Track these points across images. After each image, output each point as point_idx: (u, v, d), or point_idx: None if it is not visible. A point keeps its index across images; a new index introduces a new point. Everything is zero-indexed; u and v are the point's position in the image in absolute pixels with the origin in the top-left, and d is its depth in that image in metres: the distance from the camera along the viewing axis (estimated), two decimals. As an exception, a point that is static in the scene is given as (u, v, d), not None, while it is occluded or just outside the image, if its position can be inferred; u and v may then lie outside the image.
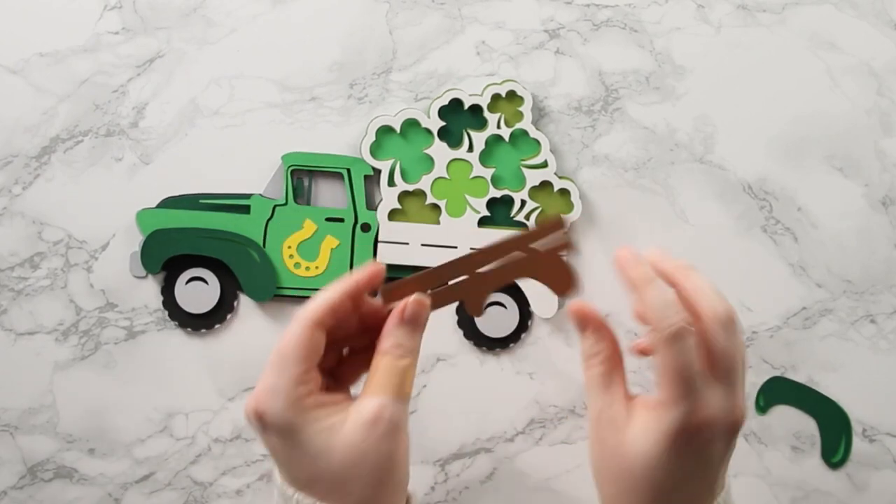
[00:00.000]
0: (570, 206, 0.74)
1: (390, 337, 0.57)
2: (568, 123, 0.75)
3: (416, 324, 0.58)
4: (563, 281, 0.60)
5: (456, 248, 0.74)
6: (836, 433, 0.76)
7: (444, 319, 0.75)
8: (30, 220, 0.73)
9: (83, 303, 0.74)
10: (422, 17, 0.75)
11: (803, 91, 0.76)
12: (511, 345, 0.75)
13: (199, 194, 0.73)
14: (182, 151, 0.74)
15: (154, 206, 0.73)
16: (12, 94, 0.73)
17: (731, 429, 0.58)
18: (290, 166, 0.73)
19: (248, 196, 0.73)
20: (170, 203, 0.73)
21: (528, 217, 0.74)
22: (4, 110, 0.73)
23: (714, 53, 0.76)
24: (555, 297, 0.74)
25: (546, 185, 0.74)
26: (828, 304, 0.76)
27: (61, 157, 0.73)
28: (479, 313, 0.63)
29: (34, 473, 0.74)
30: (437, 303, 0.67)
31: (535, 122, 0.75)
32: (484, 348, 0.75)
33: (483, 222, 0.74)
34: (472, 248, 0.65)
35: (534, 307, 0.74)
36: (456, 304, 0.70)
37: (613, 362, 0.61)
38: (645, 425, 0.59)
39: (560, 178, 0.74)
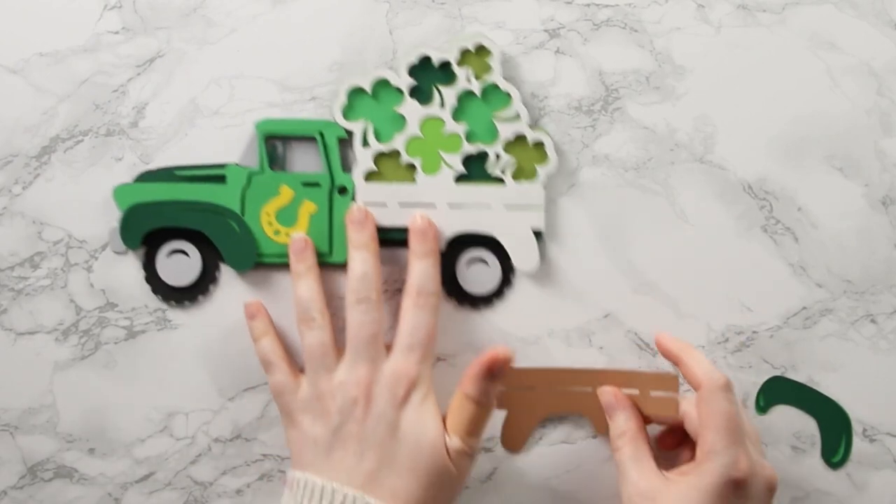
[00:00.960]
0: (545, 158, 0.73)
1: (479, 387, 0.68)
2: (568, 123, 0.75)
3: (499, 379, 0.68)
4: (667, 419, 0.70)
5: (434, 205, 0.73)
6: (836, 433, 0.76)
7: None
8: (30, 220, 0.74)
9: (83, 303, 0.74)
10: (422, 17, 0.75)
11: (803, 91, 0.76)
12: (494, 301, 0.75)
13: (174, 167, 0.73)
14: (182, 151, 0.74)
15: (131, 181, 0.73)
16: (12, 94, 0.73)
17: (769, 486, 0.64)
18: (263, 133, 0.73)
19: (223, 166, 0.73)
20: (146, 177, 0.73)
21: (503, 171, 0.73)
22: (4, 110, 0.73)
23: (714, 53, 0.76)
24: (536, 249, 0.74)
25: (520, 137, 0.73)
26: (828, 304, 0.76)
27: (61, 156, 0.73)
28: (605, 431, 0.69)
29: (34, 473, 0.74)
30: (560, 406, 0.73)
31: (536, 122, 0.75)
32: (467, 305, 0.75)
33: (460, 178, 0.73)
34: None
35: (515, 261, 0.74)
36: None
37: (640, 439, 0.68)
38: (686, 487, 0.63)
39: (534, 129, 0.73)
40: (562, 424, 0.75)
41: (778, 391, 0.76)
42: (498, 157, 0.73)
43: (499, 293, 0.75)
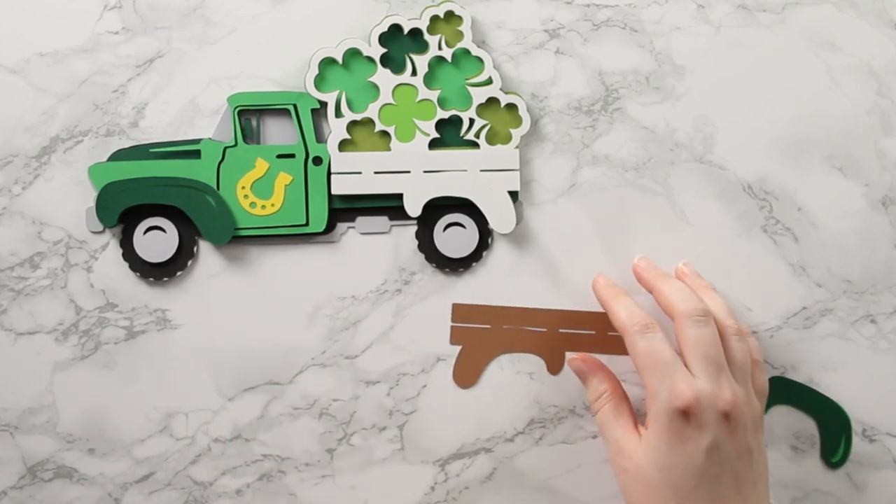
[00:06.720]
0: (519, 121, 0.74)
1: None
2: (568, 123, 0.75)
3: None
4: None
5: (409, 172, 0.73)
6: (836, 433, 0.76)
7: (409, 243, 0.75)
8: (30, 220, 0.74)
9: (83, 303, 0.74)
10: (422, 17, 0.75)
11: (803, 91, 0.76)
12: (473, 264, 0.75)
13: (148, 144, 0.73)
14: (182, 151, 0.74)
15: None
16: (12, 94, 0.73)
17: (720, 413, 0.62)
18: (236, 107, 0.73)
19: (197, 141, 0.73)
20: (120, 155, 0.73)
21: (477, 135, 0.73)
22: (4, 110, 0.73)
23: (714, 53, 0.76)
24: (512, 211, 0.74)
25: (493, 101, 0.74)
26: (828, 304, 0.76)
27: (61, 157, 0.73)
28: (558, 371, 0.70)
29: (34, 473, 0.74)
30: (515, 345, 0.74)
31: (536, 122, 0.75)
32: (447, 270, 0.75)
33: (434, 144, 0.74)
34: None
35: (492, 223, 0.74)
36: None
37: (618, 397, 0.68)
38: (648, 438, 0.63)
39: (506, 93, 0.73)
40: (561, 424, 0.75)
41: (778, 391, 0.76)
42: (472, 121, 0.74)
43: (477, 256, 0.75)
